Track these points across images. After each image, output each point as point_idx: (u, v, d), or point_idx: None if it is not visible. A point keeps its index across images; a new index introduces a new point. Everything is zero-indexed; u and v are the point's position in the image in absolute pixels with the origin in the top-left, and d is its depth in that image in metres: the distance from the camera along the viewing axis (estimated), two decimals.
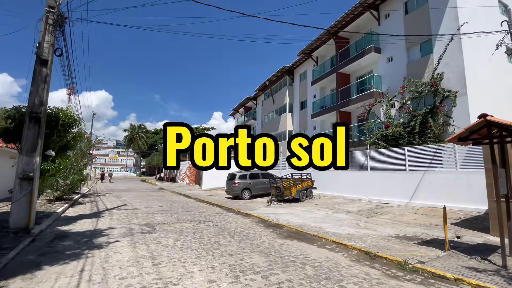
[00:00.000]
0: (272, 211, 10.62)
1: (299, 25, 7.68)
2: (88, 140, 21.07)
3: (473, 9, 12.72)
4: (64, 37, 7.33)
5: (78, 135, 8.45)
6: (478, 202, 8.84)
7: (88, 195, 17.61)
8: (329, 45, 21.04)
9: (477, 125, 4.82)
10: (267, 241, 6.18)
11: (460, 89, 12.16)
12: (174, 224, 8.04)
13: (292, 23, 7.31)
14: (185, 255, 4.99)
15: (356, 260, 4.96)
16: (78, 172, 16.11)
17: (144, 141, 64.88)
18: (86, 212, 10.54)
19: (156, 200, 15.14)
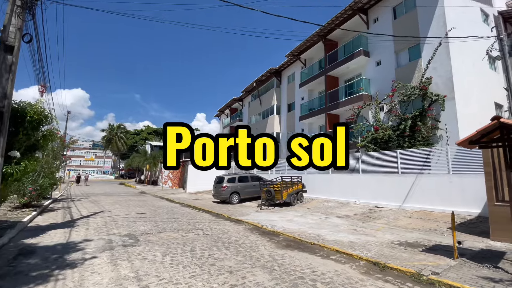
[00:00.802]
0: (264, 217, 10.10)
1: (297, 20, 7.28)
2: (61, 140, 19.43)
3: (459, 17, 13.04)
4: (35, 21, 6.43)
5: (49, 133, 7.41)
6: (471, 206, 8.84)
7: (60, 201, 16.15)
8: (318, 48, 20.98)
9: (490, 127, 4.61)
10: (267, 252, 5.64)
11: (448, 94, 12.35)
12: (160, 234, 7.27)
13: (290, 17, 6.88)
14: (177, 273, 4.32)
15: (367, 273, 4.56)
16: (49, 176, 14.70)
17: (123, 142, 62.16)
18: (57, 220, 9.45)
19: (137, 205, 14.11)
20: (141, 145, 70.05)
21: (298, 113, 22.84)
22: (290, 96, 25.09)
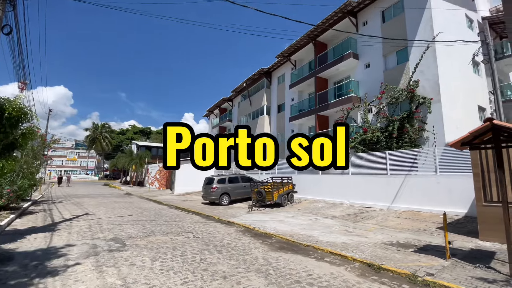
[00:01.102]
0: (255, 218, 9.96)
1: (292, 20, 7.21)
2: (42, 139, 18.52)
3: (446, 22, 13.42)
4: (15, 13, 6.03)
5: (29, 132, 6.97)
6: (458, 206, 9.06)
7: (41, 203, 15.38)
8: (308, 49, 21.10)
9: (482, 129, 4.68)
10: (260, 255, 5.50)
11: (435, 96, 12.67)
12: (148, 238, 6.98)
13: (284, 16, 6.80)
14: (168, 280, 4.10)
15: (362, 275, 4.51)
16: (28, 176, 13.98)
17: (108, 141, 60.37)
18: (37, 224, 8.94)
19: (123, 207, 13.61)
20: (126, 145, 68.29)
21: (288, 114, 22.88)
22: (280, 97, 25.11)
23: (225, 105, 36.54)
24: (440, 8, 13.28)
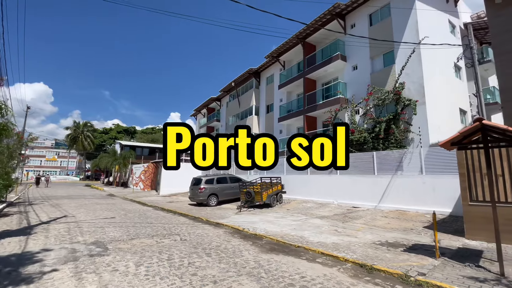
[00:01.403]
0: (244, 219, 9.78)
1: (283, 17, 7.11)
2: (18, 137, 17.49)
3: (430, 27, 13.82)
4: None
5: (3, 128, 6.49)
6: (443, 205, 9.27)
7: (16, 205, 14.49)
8: (297, 50, 21.18)
9: (472, 129, 4.75)
10: (251, 257, 5.33)
11: (420, 98, 12.99)
12: (132, 241, 6.64)
13: (277, 14, 6.69)
14: (154, 287, 3.85)
15: (355, 276, 4.45)
16: (3, 176, 13.15)
17: (90, 141, 58.17)
18: (12, 227, 8.35)
19: (105, 209, 13.04)
20: (110, 144, 66.11)
21: (277, 115, 22.86)
22: (269, 97, 25.07)
23: (213, 104, 36.12)
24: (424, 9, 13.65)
